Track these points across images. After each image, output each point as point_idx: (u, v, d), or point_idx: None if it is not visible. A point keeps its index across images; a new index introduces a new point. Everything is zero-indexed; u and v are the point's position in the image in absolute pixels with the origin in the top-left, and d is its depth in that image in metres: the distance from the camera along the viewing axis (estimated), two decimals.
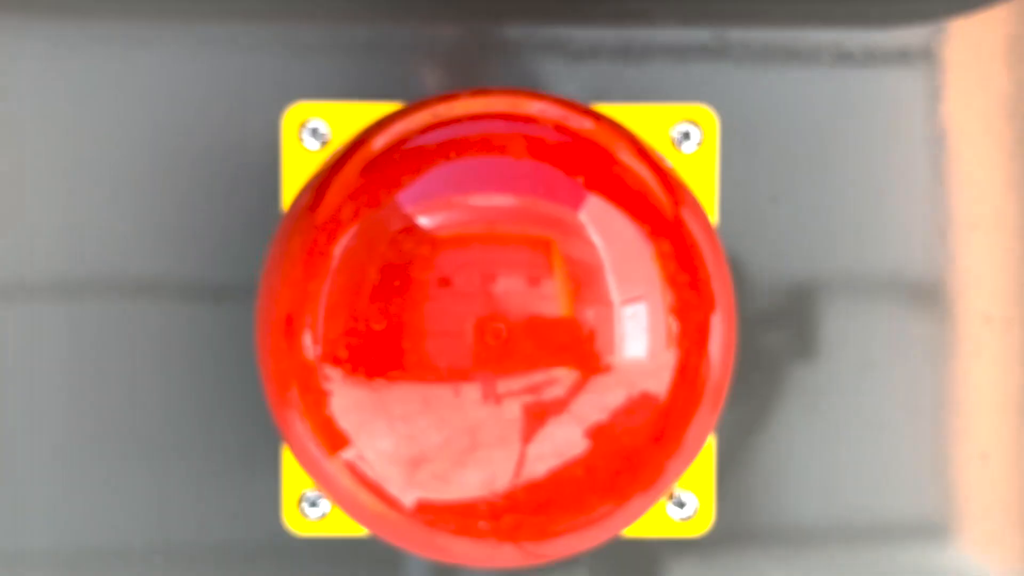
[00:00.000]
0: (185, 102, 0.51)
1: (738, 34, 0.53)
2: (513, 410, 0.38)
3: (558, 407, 0.38)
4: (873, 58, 0.54)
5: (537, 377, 0.38)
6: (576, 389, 0.38)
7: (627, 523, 0.43)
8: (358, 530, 0.49)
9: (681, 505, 0.49)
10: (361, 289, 0.39)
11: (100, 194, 0.53)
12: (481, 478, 0.38)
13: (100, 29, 0.52)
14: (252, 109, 0.51)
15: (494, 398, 0.37)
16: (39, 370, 0.54)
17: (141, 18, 0.52)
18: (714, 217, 0.49)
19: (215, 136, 0.51)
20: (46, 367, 0.54)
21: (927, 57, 0.54)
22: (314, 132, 0.48)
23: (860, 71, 0.54)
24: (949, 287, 0.55)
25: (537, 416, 0.38)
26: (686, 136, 0.48)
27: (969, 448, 0.58)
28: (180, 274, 0.53)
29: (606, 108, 0.48)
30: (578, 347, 0.38)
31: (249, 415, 0.53)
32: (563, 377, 0.38)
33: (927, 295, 0.55)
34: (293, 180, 0.48)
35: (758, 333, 0.54)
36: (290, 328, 0.40)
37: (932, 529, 0.60)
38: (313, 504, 0.48)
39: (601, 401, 0.39)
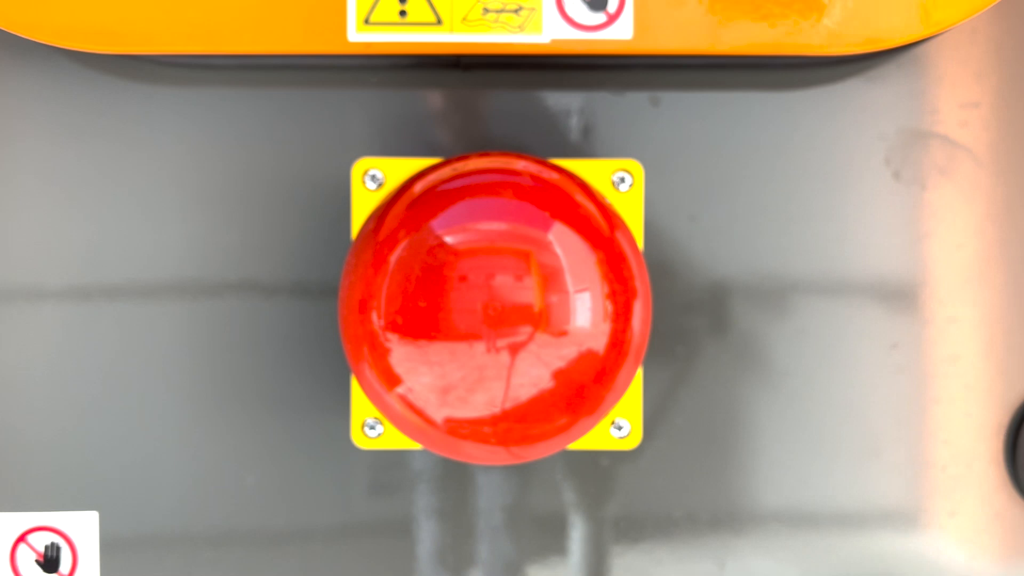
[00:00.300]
0: (285, 153, 0.74)
1: (668, 96, 0.76)
2: (505, 358, 0.60)
3: (533, 356, 0.61)
4: (770, 115, 0.76)
5: (520, 338, 0.60)
6: (545, 345, 0.61)
7: (578, 436, 0.65)
8: (400, 444, 0.72)
9: (620, 428, 0.71)
10: (408, 283, 0.61)
11: (218, 218, 0.76)
12: (485, 401, 0.61)
13: (222, 96, 0.74)
14: (331, 161, 0.74)
15: (493, 350, 0.60)
16: (166, 361, 0.77)
17: (252, 87, 0.74)
18: (640, 236, 0.72)
19: (307, 179, 0.75)
20: (173, 356, 0.77)
21: (817, 110, 0.76)
22: (373, 178, 0.71)
23: (761, 127, 0.76)
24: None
25: (520, 362, 0.60)
26: (622, 180, 0.71)
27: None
28: (277, 276, 0.76)
29: (567, 163, 0.70)
30: (546, 319, 0.61)
31: (325, 373, 0.76)
32: (537, 338, 0.61)
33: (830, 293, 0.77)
34: (360, 211, 0.71)
35: (680, 316, 0.77)
36: (363, 308, 0.63)
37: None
38: (372, 428, 0.71)
39: (561, 353, 0.61)
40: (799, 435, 0.78)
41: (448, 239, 0.61)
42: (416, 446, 0.71)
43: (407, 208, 0.63)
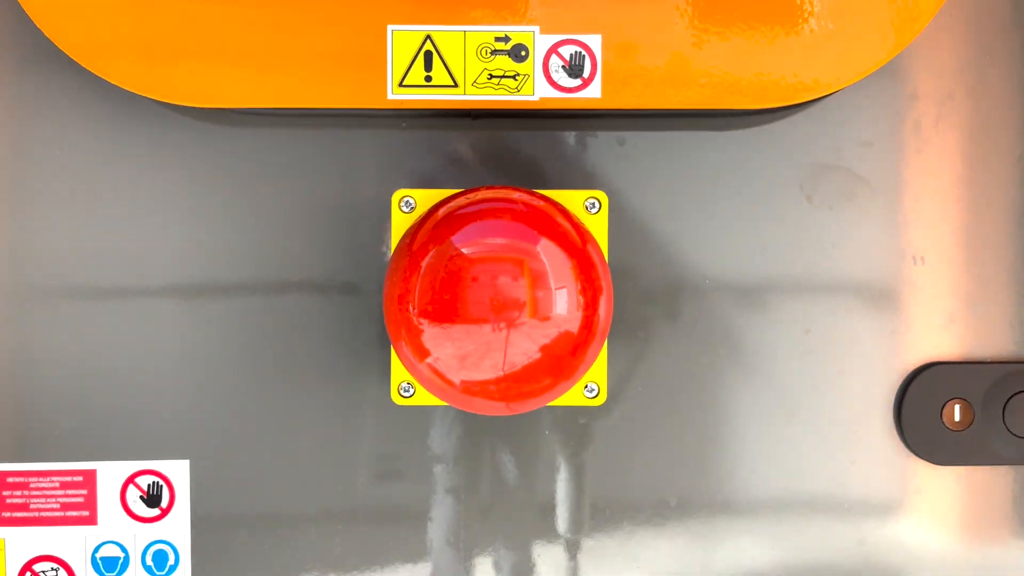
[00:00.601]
0: (340, 183, 0.98)
1: (630, 137, 0.99)
2: (504, 336, 0.83)
3: (525, 335, 0.83)
4: (711, 151, 0.99)
5: (516, 321, 0.83)
6: (534, 327, 0.83)
7: (559, 395, 0.88)
8: (428, 401, 0.95)
9: (591, 391, 0.95)
10: (435, 282, 0.84)
11: (286, 232, 0.99)
12: (491, 367, 0.83)
13: (292, 138, 0.98)
14: (375, 190, 0.97)
15: (496, 330, 0.83)
16: (246, 345, 1.00)
17: (314, 131, 0.98)
18: (606, 247, 0.95)
19: (356, 203, 0.98)
20: (251, 341, 1.00)
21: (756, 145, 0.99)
22: (407, 203, 0.94)
23: (704, 160, 0.99)
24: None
25: (515, 339, 0.83)
26: (592, 205, 0.94)
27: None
28: (331, 278, 0.99)
29: (550, 192, 0.93)
30: (534, 308, 0.83)
31: (370, 351, 0.99)
32: (528, 322, 0.83)
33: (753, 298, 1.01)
34: (397, 229, 0.94)
35: (639, 307, 1.00)
36: (401, 301, 0.86)
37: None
38: (406, 390, 0.95)
39: (545, 333, 0.84)
40: (735, 402, 1.01)
41: (464, 250, 0.84)
42: (440, 403, 0.94)
43: (433, 227, 0.86)
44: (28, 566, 1.01)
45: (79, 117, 0.98)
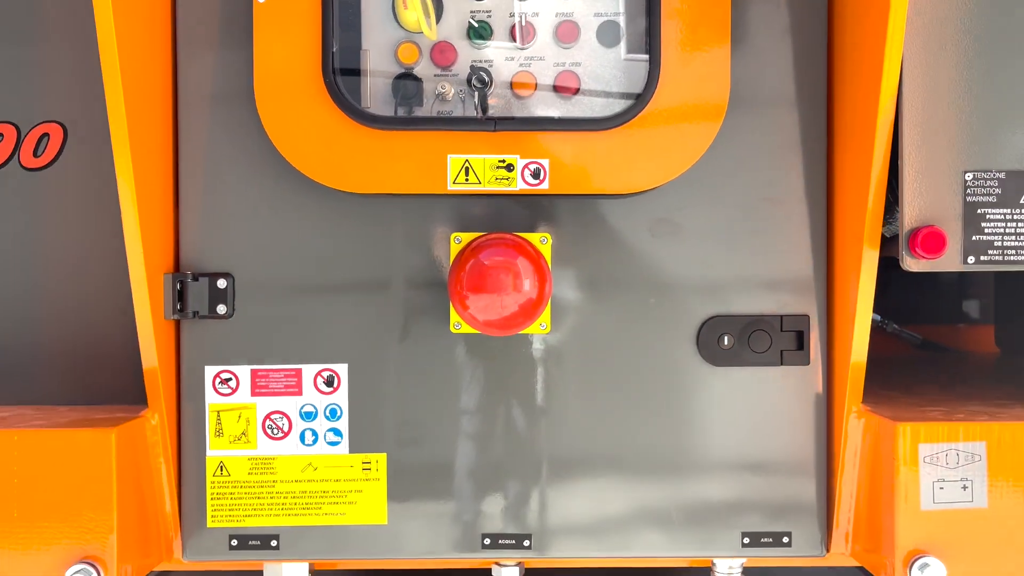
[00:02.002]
0: (422, 228, 2.04)
1: (564, 200, 2.04)
2: (501, 300, 1.88)
3: (512, 300, 1.88)
4: (607, 209, 2.05)
5: (507, 294, 1.88)
6: (515, 296, 1.89)
7: (526, 327, 1.93)
8: (467, 331, 2.01)
9: (543, 326, 2.00)
10: (471, 276, 1.89)
11: (393, 251, 2.05)
12: (496, 312, 1.89)
13: (393, 205, 2.04)
14: (441, 232, 2.03)
15: (498, 297, 1.88)
16: (372, 314, 2.06)
17: (409, 201, 2.04)
18: (551, 260, 2.00)
19: (432, 238, 2.04)
20: (374, 312, 2.06)
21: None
22: (457, 239, 2.00)
23: (607, 212, 2.05)
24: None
25: (507, 301, 1.89)
26: (544, 240, 2.00)
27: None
28: (424, 278, 2.06)
29: (524, 234, 1.99)
30: (516, 287, 1.88)
31: (439, 309, 2.05)
32: (512, 294, 1.88)
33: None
34: (453, 251, 2.00)
35: (564, 289, 2.06)
36: (456, 284, 1.91)
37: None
38: (456, 326, 2.01)
39: (519, 299, 1.89)
40: (605, 326, 2.07)
41: (484, 261, 1.89)
42: (472, 331, 1.99)
43: (470, 251, 1.92)
44: (268, 416, 2.06)
45: (289, 200, 2.04)
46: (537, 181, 1.94)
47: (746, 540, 2.03)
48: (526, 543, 2.04)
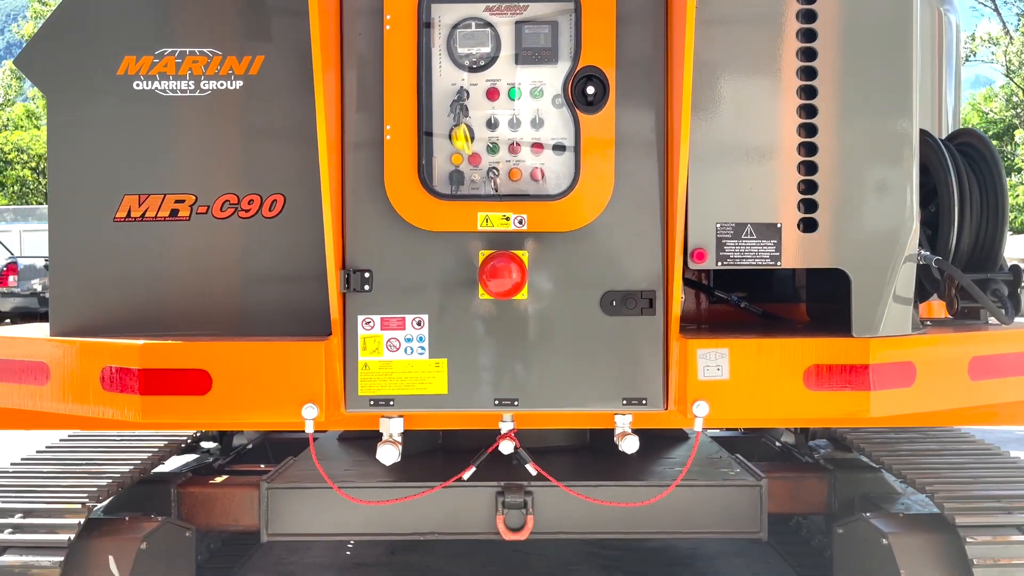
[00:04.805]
0: (463, 251, 4.16)
1: (537, 239, 4.15)
2: (502, 281, 3.98)
3: (509, 284, 3.98)
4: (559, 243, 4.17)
5: (507, 277, 3.98)
6: (510, 283, 3.98)
7: (516, 294, 4.03)
8: (485, 296, 4.11)
9: (524, 296, 4.12)
10: (487, 271, 3.99)
11: (445, 261, 4.16)
12: (501, 288, 3.98)
13: (453, 240, 4.16)
14: (474, 253, 4.15)
15: (502, 280, 3.98)
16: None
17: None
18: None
19: (472, 254, 4.16)
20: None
21: None
22: (482, 255, 4.11)
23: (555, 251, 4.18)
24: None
25: (506, 284, 3.99)
26: (524, 255, 4.11)
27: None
28: (467, 272, 4.18)
29: (516, 251, 4.10)
30: (509, 276, 3.98)
31: (470, 285, 4.16)
32: (508, 280, 3.98)
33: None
34: (481, 257, 4.12)
35: (547, 283, 4.16)
36: (482, 277, 4.00)
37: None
38: (481, 293, 4.12)
39: (512, 283, 3.98)
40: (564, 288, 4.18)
41: (495, 264, 3.99)
42: (488, 297, 4.08)
43: (488, 259, 4.01)
44: (388, 340, 4.16)
45: (398, 231, 4.14)
46: (522, 225, 4.05)
47: (624, 402, 4.14)
48: (516, 403, 4.14)
